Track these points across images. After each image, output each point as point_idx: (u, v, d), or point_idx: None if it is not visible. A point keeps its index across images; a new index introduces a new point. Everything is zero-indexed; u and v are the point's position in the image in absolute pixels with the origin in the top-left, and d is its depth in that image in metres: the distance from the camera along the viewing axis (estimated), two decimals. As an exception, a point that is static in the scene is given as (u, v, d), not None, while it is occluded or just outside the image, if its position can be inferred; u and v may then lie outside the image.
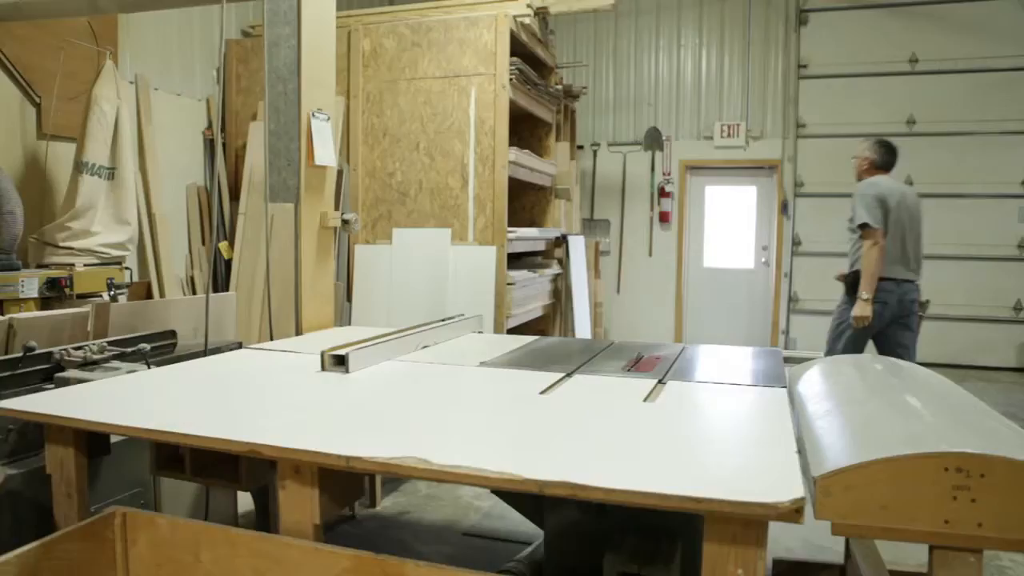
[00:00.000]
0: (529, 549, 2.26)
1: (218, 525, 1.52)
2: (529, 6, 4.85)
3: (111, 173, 4.00)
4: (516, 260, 5.38)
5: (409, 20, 4.94)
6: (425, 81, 4.88)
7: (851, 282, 3.96)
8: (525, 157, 5.10)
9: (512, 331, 4.82)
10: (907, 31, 6.87)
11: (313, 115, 2.77)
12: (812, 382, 2.07)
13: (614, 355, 2.34)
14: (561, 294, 6.00)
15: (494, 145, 4.73)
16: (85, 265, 3.86)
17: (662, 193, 7.70)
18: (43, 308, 3.52)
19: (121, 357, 2.28)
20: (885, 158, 4.07)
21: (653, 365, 2.15)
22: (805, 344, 7.05)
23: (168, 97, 5.06)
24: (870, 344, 4.07)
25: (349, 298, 5.05)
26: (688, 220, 7.81)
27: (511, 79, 4.70)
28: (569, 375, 2.00)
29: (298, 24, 2.67)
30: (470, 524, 3.04)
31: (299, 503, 1.44)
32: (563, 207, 6.15)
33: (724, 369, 2.17)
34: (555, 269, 5.90)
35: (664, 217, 7.74)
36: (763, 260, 7.66)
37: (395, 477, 3.19)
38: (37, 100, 4.12)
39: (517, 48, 4.91)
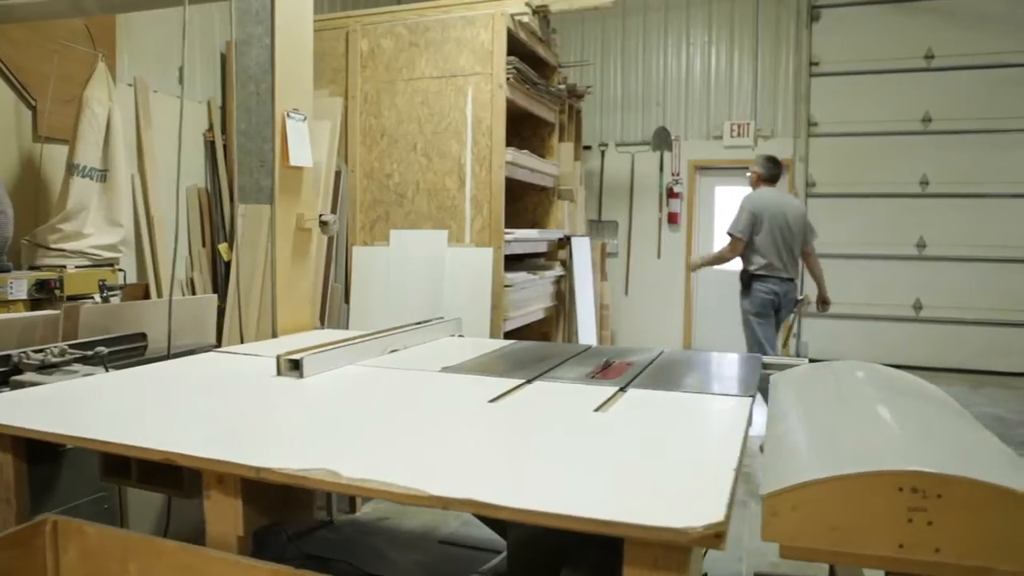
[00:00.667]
0: (494, 561, 2.20)
1: (144, 535, 1.48)
2: (528, 4, 4.78)
3: (103, 175, 4.00)
4: (518, 262, 5.30)
5: (407, 20, 4.90)
6: (422, 81, 4.83)
7: (745, 279, 4.75)
8: (524, 157, 5.02)
9: (511, 334, 4.74)
10: (922, 26, 6.67)
11: (288, 115, 2.73)
12: (787, 391, 1.98)
13: (585, 360, 2.26)
14: (564, 296, 5.91)
15: (491, 145, 4.66)
16: (76, 267, 3.86)
17: (671, 194, 7.58)
18: (33, 310, 3.52)
19: (84, 360, 2.25)
20: (771, 171, 4.79)
21: (620, 372, 2.07)
22: (816, 347, 6.87)
23: (168, 99, 5.06)
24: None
25: (347, 300, 5.02)
26: (697, 221, 7.67)
27: (508, 78, 4.63)
28: (529, 382, 1.92)
29: (271, 23, 2.64)
30: (448, 531, 2.98)
31: (223, 513, 1.39)
32: (567, 208, 6.06)
33: (695, 376, 2.08)
34: (558, 271, 5.82)
35: (673, 218, 7.61)
36: (774, 262, 7.50)
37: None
38: (33, 103, 4.13)
39: (516, 47, 4.84)
